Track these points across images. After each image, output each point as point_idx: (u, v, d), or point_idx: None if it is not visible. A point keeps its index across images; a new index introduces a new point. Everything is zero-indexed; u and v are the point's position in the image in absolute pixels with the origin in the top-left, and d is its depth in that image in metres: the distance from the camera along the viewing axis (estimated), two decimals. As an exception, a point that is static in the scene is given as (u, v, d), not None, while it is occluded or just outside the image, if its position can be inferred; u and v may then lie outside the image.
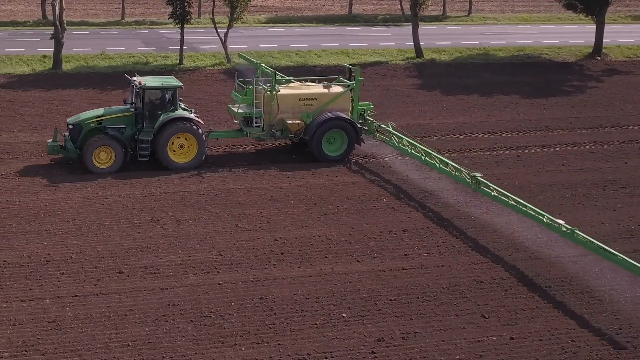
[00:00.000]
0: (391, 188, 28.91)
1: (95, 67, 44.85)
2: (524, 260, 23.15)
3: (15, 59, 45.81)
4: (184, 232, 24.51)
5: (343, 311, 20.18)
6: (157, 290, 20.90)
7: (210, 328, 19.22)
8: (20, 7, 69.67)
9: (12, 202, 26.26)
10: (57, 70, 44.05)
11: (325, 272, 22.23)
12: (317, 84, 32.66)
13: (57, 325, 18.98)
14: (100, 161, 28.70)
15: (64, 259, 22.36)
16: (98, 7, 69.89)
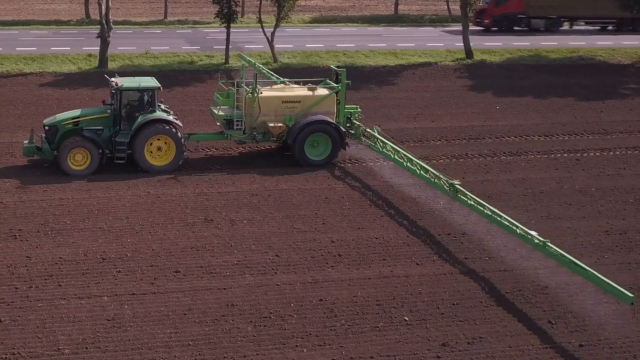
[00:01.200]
0: (447, 190, 28.73)
1: (141, 66, 45.38)
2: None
3: (61, 58, 46.58)
4: (238, 233, 24.62)
5: (405, 314, 20.08)
6: (215, 290, 21.01)
7: (270, 329, 19.26)
8: (63, 6, 70.99)
9: (65, 199, 26.64)
10: (103, 68, 44.65)
11: (385, 275, 22.16)
12: (301, 87, 32.30)
13: (117, 323, 19.17)
14: (75, 163, 28.49)
15: (120, 257, 22.61)
16: (140, 6, 70.88)
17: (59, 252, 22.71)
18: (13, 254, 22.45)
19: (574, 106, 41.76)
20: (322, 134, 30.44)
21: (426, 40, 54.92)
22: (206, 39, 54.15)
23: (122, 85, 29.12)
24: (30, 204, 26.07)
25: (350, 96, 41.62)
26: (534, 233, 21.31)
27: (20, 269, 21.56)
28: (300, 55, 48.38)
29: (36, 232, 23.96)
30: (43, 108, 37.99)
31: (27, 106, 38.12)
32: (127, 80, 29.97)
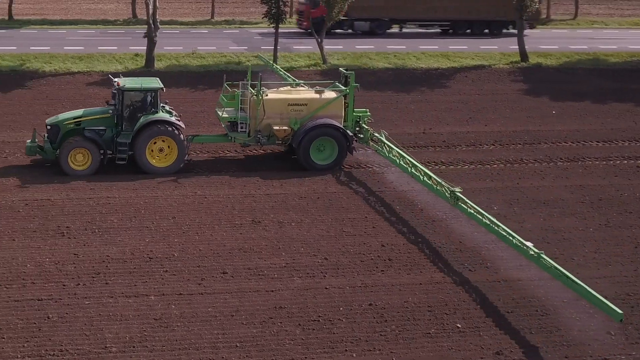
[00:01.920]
0: (501, 196, 28.55)
1: (188, 66, 45.94)
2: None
3: (108, 57, 47.38)
4: (286, 235, 24.77)
5: (457, 321, 19.99)
6: (263, 292, 21.17)
7: (319, 332, 19.34)
8: (110, 5, 72.20)
9: (112, 197, 27.11)
10: (149, 68, 45.31)
11: (437, 280, 22.10)
12: (308, 89, 32.19)
13: (164, 322, 19.44)
14: (76, 163, 28.66)
15: (167, 257, 22.92)
16: (186, 6, 71.75)
17: (106, 250, 23.13)
18: (61, 251, 22.93)
19: (634, 112, 41.12)
20: (328, 138, 30.28)
21: (479, 43, 54.54)
22: (254, 39, 54.59)
23: (124, 86, 29.31)
24: (77, 201, 26.59)
25: (401, 98, 41.95)
26: (529, 244, 21.11)
27: (68, 266, 22.02)
28: (350, 56, 48.48)
29: (83, 229, 24.44)
30: (90, 107, 38.61)
31: (74, 104, 38.78)
32: (130, 81, 30.16)
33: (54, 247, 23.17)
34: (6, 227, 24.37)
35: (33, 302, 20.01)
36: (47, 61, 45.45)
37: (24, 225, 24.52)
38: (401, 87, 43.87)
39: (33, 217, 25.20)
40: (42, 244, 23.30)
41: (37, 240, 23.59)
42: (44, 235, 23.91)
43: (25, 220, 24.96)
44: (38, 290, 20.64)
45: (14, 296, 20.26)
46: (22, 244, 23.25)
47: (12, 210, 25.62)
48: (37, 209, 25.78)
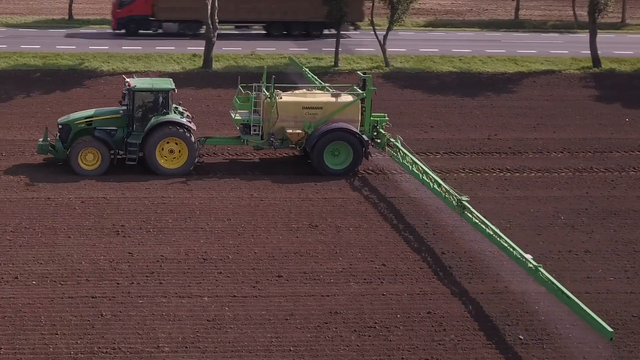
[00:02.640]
0: (568, 205, 28.21)
1: (246, 67, 46.48)
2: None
3: (165, 57, 48.28)
4: (344, 240, 24.91)
5: (519, 333, 19.85)
6: (318, 297, 21.35)
7: (374, 339, 19.42)
8: (169, 6, 73.55)
9: (168, 197, 27.65)
10: (207, 69, 46.04)
11: (499, 290, 21.96)
12: (324, 92, 32.06)
13: (217, 324, 19.77)
14: (86, 163, 29.12)
15: (221, 258, 23.28)
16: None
17: (160, 250, 23.61)
18: (115, 249, 23.50)
19: None
20: (343, 143, 30.26)
21: (549, 47, 53.92)
22: (315, 40, 54.94)
23: (134, 86, 29.74)
24: (133, 200, 27.20)
25: (465, 103, 41.75)
26: (529, 257, 20.94)
27: (122, 264, 22.55)
28: (413, 59, 48.44)
29: (138, 229, 24.99)
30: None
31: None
32: (141, 81, 30.63)
33: (109, 245, 23.76)
34: (62, 224, 25.08)
35: (87, 299, 20.56)
36: (105, 60, 46.57)
37: (79, 223, 25.21)
38: (466, 91, 43.64)
39: (89, 214, 25.88)
40: (97, 242, 23.92)
41: (92, 238, 24.22)
42: (99, 233, 24.54)
43: (81, 217, 25.65)
44: (92, 287, 21.21)
45: (68, 293, 20.86)
46: (78, 242, 23.91)
47: (68, 208, 26.36)
48: (93, 207, 26.47)
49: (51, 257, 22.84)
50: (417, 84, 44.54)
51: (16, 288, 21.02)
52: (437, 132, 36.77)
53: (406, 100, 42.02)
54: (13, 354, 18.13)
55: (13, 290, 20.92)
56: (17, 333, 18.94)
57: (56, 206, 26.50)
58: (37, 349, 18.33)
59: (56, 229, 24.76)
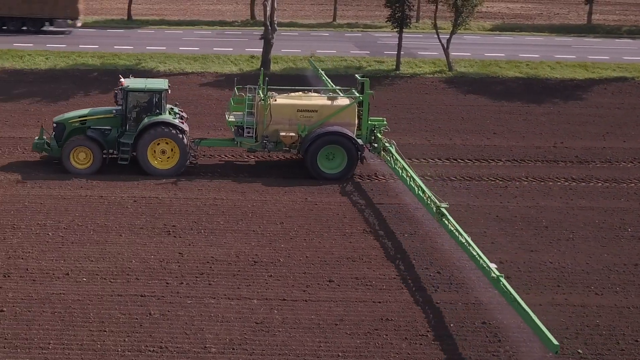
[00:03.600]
0: (636, 218, 27.85)
1: (305, 70, 46.96)
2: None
3: (223, 58, 49.15)
4: (398, 246, 25.07)
5: (579, 346, 19.73)
6: (370, 303, 21.54)
7: (426, 348, 19.52)
8: (229, 7, 74.81)
9: (220, 199, 28.19)
10: (265, 70, 46.61)
11: (558, 302, 21.84)
12: (320, 95, 32.19)
13: (265, 327, 20.12)
14: (79, 162, 29.98)
15: (272, 262, 23.66)
16: (308, 8, 73.34)
17: (211, 251, 24.11)
18: (166, 249, 24.09)
19: None
20: (337, 147, 30.48)
21: (622, 53, 53.23)
22: (377, 43, 55.25)
23: (127, 86, 30.41)
24: (185, 201, 27.82)
25: (531, 110, 41.53)
26: (493, 266, 20.87)
27: (172, 264, 23.11)
28: (477, 64, 48.36)
29: (189, 229, 25.56)
30: (202, 107, 40.42)
31: (186, 105, 40.44)
32: (134, 81, 31.27)
33: (160, 244, 24.37)
34: (114, 222, 25.81)
35: (136, 297, 21.14)
36: (162, 61, 47.63)
37: (131, 222, 25.91)
38: (532, 97, 43.39)
39: (140, 214, 26.58)
40: (147, 241, 24.55)
41: (143, 237, 24.87)
42: (150, 233, 25.19)
43: (133, 216, 26.35)
44: (142, 286, 21.80)
45: (117, 291, 21.48)
46: (129, 240, 24.58)
47: (120, 207, 27.10)
48: (145, 207, 27.16)
49: (102, 254, 23.55)
50: (481, 89, 44.45)
51: (66, 284, 21.74)
52: (500, 139, 36.63)
53: (469, 105, 41.98)
54: (61, 349, 18.77)
55: (63, 286, 21.65)
56: (66, 329, 19.59)
57: (109, 204, 27.29)
58: (85, 345, 18.94)
59: (108, 227, 25.51)
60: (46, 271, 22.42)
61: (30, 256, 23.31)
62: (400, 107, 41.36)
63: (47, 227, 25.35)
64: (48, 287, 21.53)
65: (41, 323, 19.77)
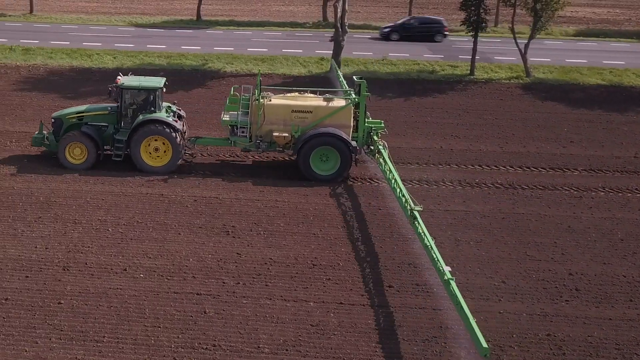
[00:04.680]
0: None
1: (376, 73, 47.44)
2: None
3: (292, 60, 49.97)
4: (463, 254, 25.25)
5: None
6: (429, 310, 21.80)
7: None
8: (301, 8, 75.86)
9: (281, 201, 28.79)
10: (331, 74, 47.19)
11: (630, 317, 21.72)
12: (315, 96, 32.51)
13: (320, 329, 20.57)
14: (74, 157, 31.26)
15: (331, 265, 24.11)
16: (383, 10, 73.85)
17: (269, 252, 24.69)
18: (224, 249, 24.77)
19: None
20: (330, 148, 30.99)
21: None
22: (452, 47, 55.38)
23: (122, 83, 31.55)
24: (245, 202, 28.51)
25: (612, 118, 41.11)
26: (447, 269, 21.04)
27: (230, 264, 23.77)
28: (557, 70, 48.10)
29: (249, 230, 26.20)
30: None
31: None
32: (129, 79, 32.42)
33: (218, 244, 25.06)
34: (173, 220, 26.64)
35: (192, 295, 21.84)
36: (229, 62, 48.67)
37: (190, 221, 26.69)
38: (614, 105, 42.96)
39: (200, 213, 27.35)
40: (206, 241, 25.28)
41: (202, 236, 25.60)
42: (209, 232, 25.91)
43: (193, 216, 27.14)
44: (198, 284, 22.49)
45: (174, 288, 22.22)
46: (187, 239, 25.35)
47: (180, 206, 27.93)
48: (205, 206, 27.93)
49: (160, 252, 24.37)
50: (560, 96, 44.22)
51: (124, 280, 22.60)
52: (577, 148, 36.40)
53: (545, 112, 41.78)
54: (115, 343, 19.56)
55: (121, 281, 22.50)
56: (121, 323, 20.38)
57: (169, 203, 28.15)
58: (139, 340, 19.69)
59: (167, 225, 26.34)
60: (104, 266, 23.35)
61: (89, 251, 24.30)
62: (472, 112, 41.45)
63: (107, 223, 26.36)
64: (105, 282, 22.43)
65: (97, 317, 20.64)
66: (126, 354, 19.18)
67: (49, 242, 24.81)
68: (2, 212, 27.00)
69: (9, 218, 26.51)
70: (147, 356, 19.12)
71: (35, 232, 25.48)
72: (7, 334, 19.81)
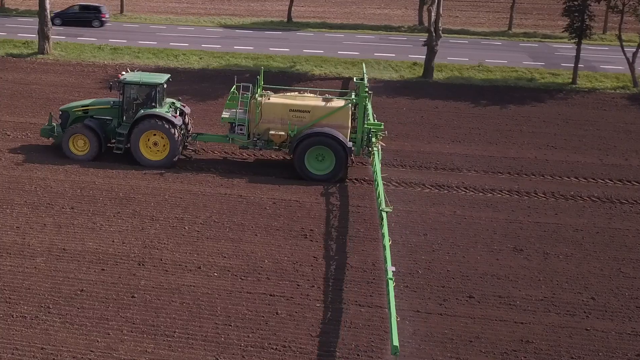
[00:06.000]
0: None
1: (471, 79, 47.69)
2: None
3: (383, 64, 50.64)
4: (551, 267, 25.34)
5: None
6: (511, 323, 22.01)
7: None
8: (397, 11, 76.53)
9: (363, 207, 29.41)
10: (427, 78, 47.73)
11: None
12: (314, 96, 33.64)
13: (395, 336, 21.05)
14: (77, 148, 33.60)
15: (410, 273, 24.56)
16: (482, 15, 73.85)
17: (347, 257, 25.31)
18: (300, 252, 25.51)
19: None
20: (325, 148, 31.99)
21: None
22: (554, 55, 55.16)
23: (124, 79, 33.58)
24: (325, 206, 29.24)
25: None
26: (392, 269, 21.43)
27: (305, 267, 24.48)
28: (665, 81, 47.46)
29: (327, 234, 26.89)
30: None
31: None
32: (131, 75, 34.37)
33: (295, 247, 25.82)
34: (251, 222, 27.53)
35: (265, 296, 22.62)
36: (317, 64, 49.63)
37: (268, 223, 27.55)
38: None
39: (279, 215, 28.18)
40: (282, 243, 26.07)
41: (279, 238, 26.41)
42: (286, 235, 26.70)
43: (271, 218, 28.00)
44: (272, 286, 23.26)
45: (247, 288, 23.05)
46: (264, 240, 26.19)
47: (259, 207, 28.84)
48: (284, 209, 28.76)
49: (235, 252, 25.27)
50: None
51: (197, 277, 23.55)
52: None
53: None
54: (185, 339, 20.46)
55: (194, 279, 23.46)
56: (192, 320, 21.29)
57: (247, 204, 29.09)
58: (209, 337, 20.54)
59: (244, 225, 27.25)
60: (179, 263, 24.38)
61: (165, 247, 25.40)
62: (572, 123, 41.29)
63: (185, 221, 27.45)
64: (179, 279, 23.43)
65: (169, 312, 21.61)
66: (195, 349, 20.05)
67: (126, 237, 26.08)
68: (82, 206, 28.49)
69: (88, 212, 27.97)
70: (216, 353, 19.93)
71: (114, 227, 26.81)
72: (80, 324, 20.97)
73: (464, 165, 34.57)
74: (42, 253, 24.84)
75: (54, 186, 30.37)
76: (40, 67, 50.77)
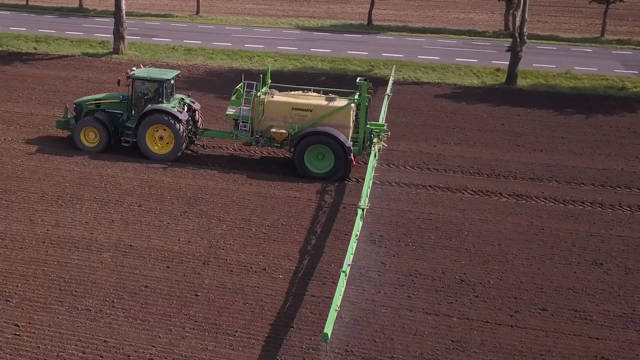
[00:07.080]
0: None
1: (557, 87, 47.58)
2: None
3: (464, 70, 50.84)
4: (632, 283, 25.31)
5: None
6: (585, 338, 22.11)
7: (641, 391, 19.87)
8: (482, 16, 76.51)
9: (435, 214, 29.76)
10: (510, 85, 47.78)
11: None
12: (317, 95, 35.01)
13: (461, 346, 21.36)
14: (89, 140, 35.94)
15: (481, 282, 24.84)
16: (574, 21, 73.38)
17: (415, 264, 25.71)
18: (368, 257, 26.02)
19: None
20: (325, 147, 33.31)
21: None
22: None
23: (133, 74, 35.59)
24: (396, 212, 29.69)
25: None
26: (348, 264, 22.27)
27: (372, 272, 24.98)
28: None
29: (396, 241, 27.33)
30: (433, 119, 42.20)
31: (415, 114, 42.35)
32: (141, 71, 36.44)
33: (362, 252, 26.32)
34: (318, 226, 28.18)
35: (329, 300, 23.08)
36: (396, 69, 50.04)
37: (337, 227, 28.15)
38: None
39: (348, 221, 28.73)
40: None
41: (347, 243, 26.86)
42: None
43: (340, 223, 28.59)
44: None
45: (311, 291, 23.65)
46: (331, 245, 26.79)
47: (328, 212, 29.42)
48: (354, 214, 29.26)
49: (301, 255, 25.91)
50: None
51: (262, 279, 24.25)
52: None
53: None
54: (247, 338, 21.13)
55: (259, 280, 24.16)
56: (254, 320, 21.96)
57: (316, 208, 29.73)
58: (271, 338, 21.18)
59: (312, 229, 27.88)
60: (244, 264, 25.12)
61: (230, 248, 26.19)
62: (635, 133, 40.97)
63: (252, 222, 28.23)
64: (243, 279, 24.16)
65: (231, 312, 22.33)
66: (256, 349, 20.71)
67: (192, 236, 26.97)
68: (150, 204, 29.53)
69: (156, 210, 29.00)
70: (276, 354, 20.56)
71: (180, 226, 27.74)
72: (143, 319, 21.84)
73: (545, 174, 34.66)
74: (109, 248, 25.93)
75: (123, 183, 31.58)
76: (115, 67, 52.41)
